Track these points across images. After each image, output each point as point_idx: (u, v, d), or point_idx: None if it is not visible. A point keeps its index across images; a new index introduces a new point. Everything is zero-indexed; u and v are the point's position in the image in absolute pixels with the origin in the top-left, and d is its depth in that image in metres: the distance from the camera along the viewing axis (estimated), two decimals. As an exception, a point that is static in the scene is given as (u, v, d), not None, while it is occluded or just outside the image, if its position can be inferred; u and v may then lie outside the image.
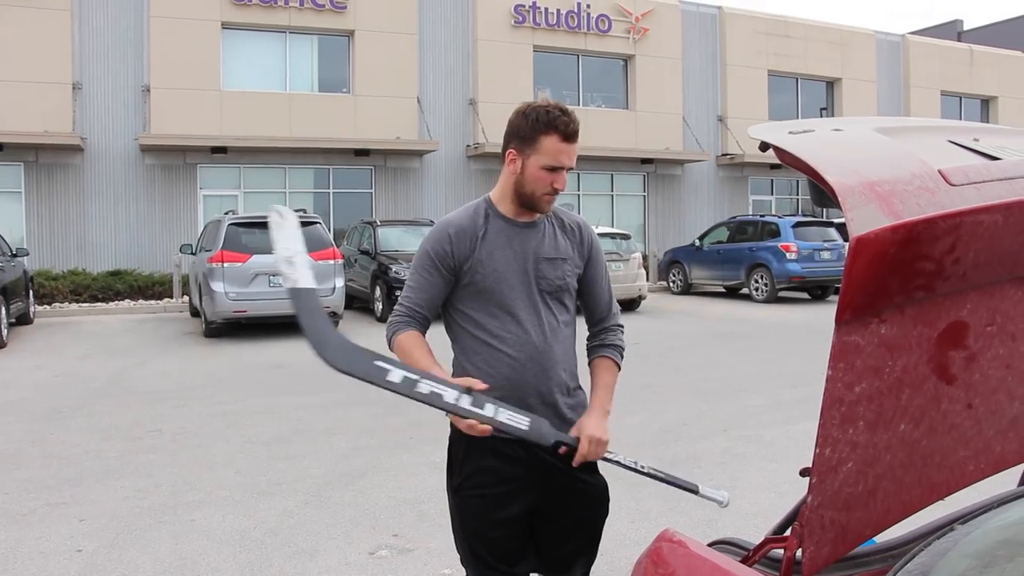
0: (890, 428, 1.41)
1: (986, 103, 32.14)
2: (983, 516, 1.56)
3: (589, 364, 2.61)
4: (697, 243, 20.95)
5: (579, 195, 24.85)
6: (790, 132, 1.65)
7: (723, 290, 20.77)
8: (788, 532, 1.54)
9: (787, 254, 18.31)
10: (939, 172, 1.47)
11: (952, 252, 1.35)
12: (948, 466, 1.51)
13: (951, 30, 36.78)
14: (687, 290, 21.08)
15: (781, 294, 18.80)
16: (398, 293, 14.50)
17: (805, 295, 19.66)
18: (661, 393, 8.60)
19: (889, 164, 1.50)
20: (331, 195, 21.97)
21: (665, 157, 25.03)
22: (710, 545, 1.79)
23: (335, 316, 13.62)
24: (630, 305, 17.18)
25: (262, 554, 4.42)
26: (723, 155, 26.46)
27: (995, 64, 31.74)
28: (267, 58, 21.53)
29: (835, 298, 13.36)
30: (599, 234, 17.12)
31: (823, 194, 1.58)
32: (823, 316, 16.12)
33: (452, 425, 2.44)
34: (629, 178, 25.56)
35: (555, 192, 2.39)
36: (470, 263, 2.42)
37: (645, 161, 24.98)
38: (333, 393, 8.74)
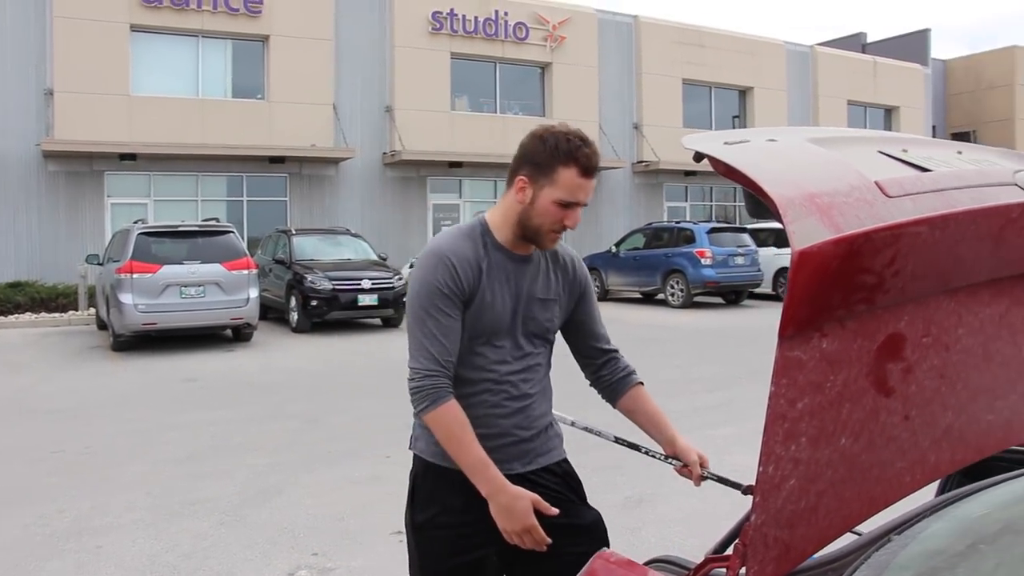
0: (831, 443, 1.39)
1: (889, 112, 33.35)
2: (918, 526, 1.55)
3: (618, 395, 2.42)
4: (614, 250, 21.14)
5: (496, 203, 24.62)
6: (726, 143, 1.62)
7: (640, 296, 21.01)
8: (730, 551, 1.50)
9: (702, 260, 18.60)
10: (876, 184, 1.45)
11: (892, 264, 1.33)
12: (886, 479, 1.50)
13: (856, 42, 38.02)
14: (604, 296, 21.23)
15: (697, 299, 19.09)
16: (314, 303, 14.46)
17: (720, 300, 20.02)
18: (580, 399, 8.58)
19: (827, 175, 1.47)
20: (245, 203, 21.48)
21: (582, 164, 25.16)
22: (647, 564, 1.74)
23: (249, 327, 13.32)
24: (549, 312, 17.17)
25: (175, 579, 4.23)
26: (639, 162, 26.80)
27: (896, 75, 32.96)
28: (179, 62, 20.95)
29: (750, 303, 13.63)
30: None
31: (760, 205, 1.55)
32: (738, 321, 16.44)
33: (417, 456, 2.28)
34: (547, 185, 25.62)
35: (563, 230, 2.19)
36: (476, 299, 2.16)
37: (563, 168, 25.08)
38: (248, 407, 8.52)
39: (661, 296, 19.73)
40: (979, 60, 38.88)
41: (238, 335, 13.59)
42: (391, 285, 15.01)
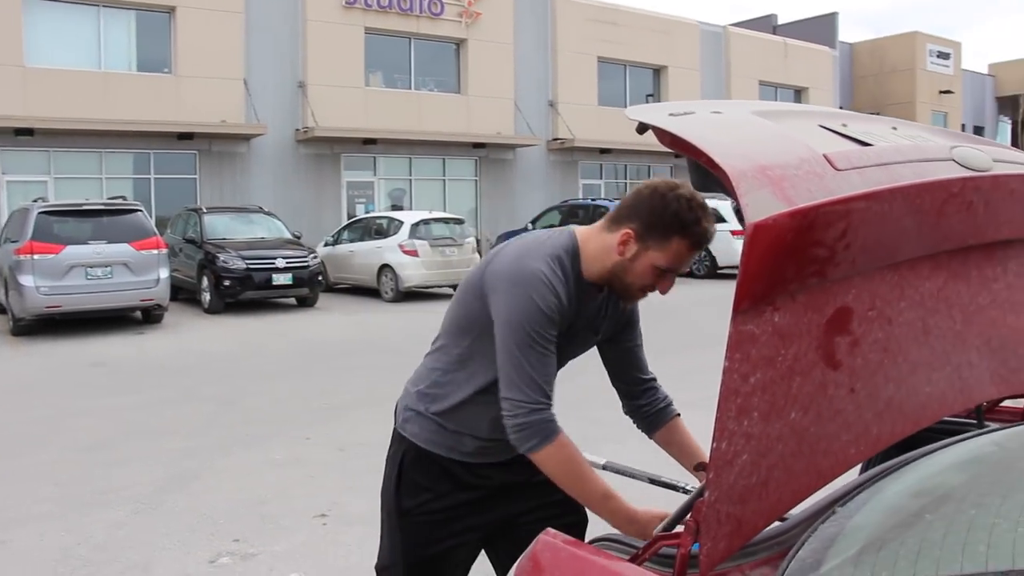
0: (782, 417, 1.38)
1: (798, 93, 34.11)
2: (859, 497, 1.56)
3: (656, 427, 2.33)
4: (530, 227, 21.14)
5: (411, 180, 24.63)
6: (671, 114, 1.60)
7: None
8: (680, 528, 1.49)
9: (619, 237, 18.74)
10: (824, 157, 1.44)
11: (844, 238, 1.32)
12: (833, 451, 1.50)
13: (767, 24, 38.72)
14: (521, 274, 21.24)
15: (613, 276, 19.23)
16: (227, 283, 14.10)
17: (636, 277, 20.21)
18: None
19: (776, 148, 1.46)
20: (152, 181, 20.74)
21: (497, 142, 25.14)
22: (591, 543, 1.72)
23: (160, 308, 12.91)
24: (466, 290, 17.12)
25: (89, 573, 4.06)
26: (554, 140, 26.84)
27: (806, 57, 33.73)
28: (78, 33, 20.00)
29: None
30: (432, 219, 17.12)
31: (708, 177, 1.53)
32: (649, 297, 16.63)
33: (406, 439, 2.21)
34: (461, 163, 25.53)
35: (649, 293, 2.08)
36: (561, 335, 2.02)
37: (477, 146, 25.00)
38: (161, 391, 8.27)
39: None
40: (883, 44, 40.08)
41: (148, 317, 13.16)
42: (306, 264, 14.75)
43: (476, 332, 2.08)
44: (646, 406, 2.33)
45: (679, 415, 2.33)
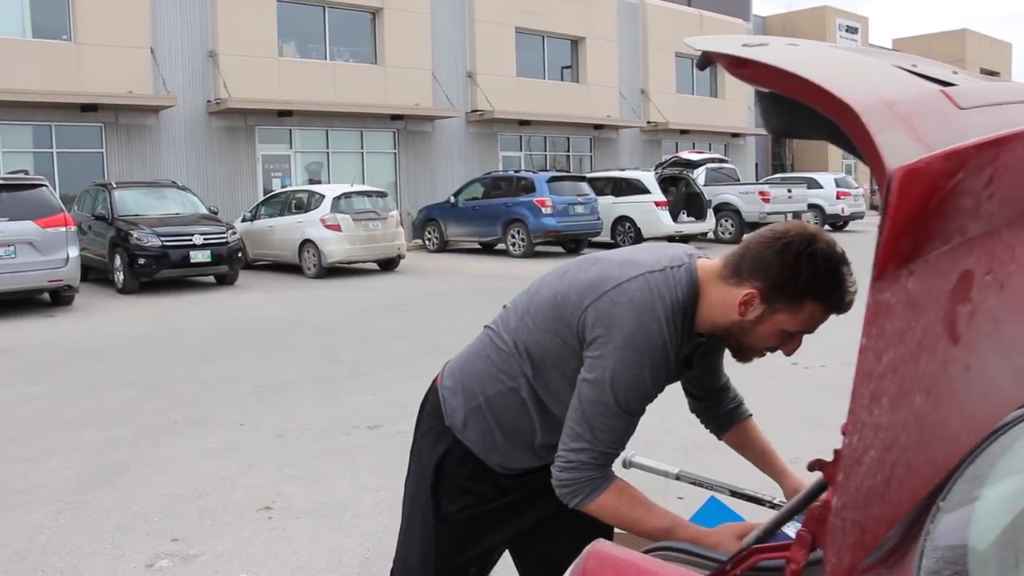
0: (908, 402, 1.16)
1: (715, 66, 34.34)
2: (958, 487, 1.37)
3: (727, 428, 2.14)
4: (452, 200, 20.85)
5: (328, 153, 23.97)
6: (745, 44, 1.34)
7: (479, 246, 20.86)
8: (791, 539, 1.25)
9: (542, 209, 18.60)
10: (943, 93, 1.21)
11: (989, 186, 1.10)
12: (947, 438, 1.30)
13: (681, -5, 38.95)
14: (443, 247, 20.97)
15: (538, 248, 19.11)
16: (142, 261, 13.43)
17: (560, 249, 20.14)
18: (438, 355, 8.26)
19: (890, 82, 1.23)
20: (55, 155, 19.57)
21: (415, 113, 24.65)
22: (647, 552, 1.48)
23: (70, 289, 12.20)
24: (389, 265, 16.85)
25: (10, 581, 3.67)
26: (473, 111, 26.46)
27: (721, 29, 33.95)
28: (-37, -4, 18.77)
29: (590, 251, 13.51)
30: (354, 193, 16.65)
31: (798, 118, 1.29)
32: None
33: (457, 440, 1.98)
34: (379, 135, 24.97)
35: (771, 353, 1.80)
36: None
37: (395, 118, 24.47)
38: (77, 378, 7.74)
39: (501, 246, 19.64)
40: (795, 17, 40.79)
41: (57, 299, 12.42)
42: (225, 240, 14.16)
43: (555, 364, 1.84)
44: (716, 407, 2.12)
45: (751, 416, 2.13)
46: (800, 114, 1.24)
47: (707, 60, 1.38)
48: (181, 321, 11.11)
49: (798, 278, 1.62)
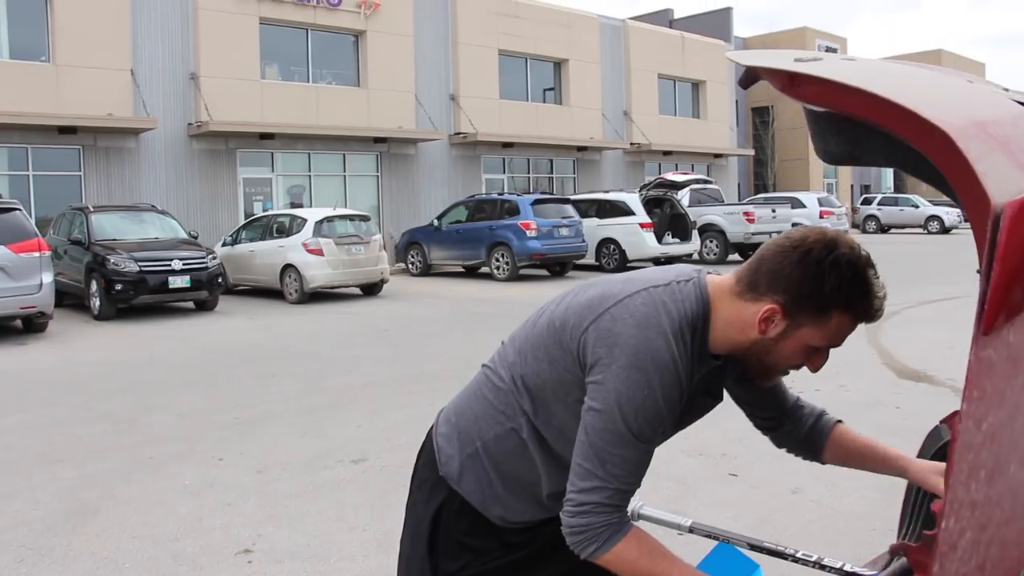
0: (1003, 474, 1.00)
1: (696, 86, 34.54)
2: None
3: (820, 446, 1.93)
4: (436, 223, 20.69)
5: (310, 176, 23.77)
6: (797, 59, 1.16)
7: (463, 270, 20.68)
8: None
9: (527, 232, 18.48)
10: None
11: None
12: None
13: (663, 18, 39.23)
14: (427, 271, 20.78)
15: (522, 272, 18.95)
16: (119, 286, 13.15)
17: (545, 272, 19.98)
18: (424, 383, 8.11)
19: (974, 100, 1.05)
20: (31, 178, 19.27)
21: (398, 136, 24.53)
22: None
23: (43, 316, 11.91)
24: (372, 289, 16.64)
25: (-32, 638, 3.42)
26: (456, 134, 26.38)
27: (703, 51, 34.18)
28: (-62, 17, 18.49)
29: (575, 274, 13.48)
30: (337, 216, 16.43)
31: (851, 144, 1.11)
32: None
33: (454, 492, 1.80)
34: (362, 158, 24.81)
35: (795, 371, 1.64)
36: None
37: (378, 140, 24.35)
38: (47, 409, 7.47)
39: (486, 270, 19.48)
40: (775, 39, 41.09)
41: (30, 326, 12.12)
42: (204, 265, 13.91)
43: (555, 397, 1.66)
44: (795, 430, 1.92)
45: (840, 422, 1.93)
46: (867, 138, 1.06)
47: (752, 77, 1.21)
48: (159, 349, 10.84)
49: (822, 288, 1.47)
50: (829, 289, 1.46)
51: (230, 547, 4.27)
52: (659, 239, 20.13)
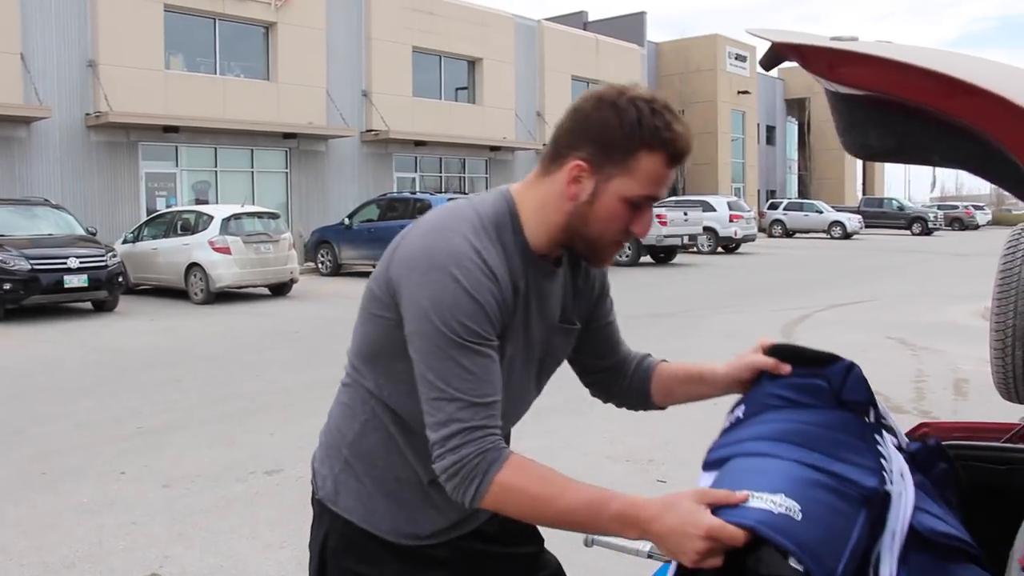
0: None
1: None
2: None
3: (648, 390, 1.77)
4: (347, 222, 20.31)
5: (216, 171, 23.05)
6: (834, 38, 0.99)
7: (374, 269, 20.31)
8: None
9: (442, 231, 18.23)
10: None
11: None
12: None
13: (578, 20, 39.46)
14: (337, 271, 20.37)
15: (435, 272, 18.70)
16: (8, 286, 12.42)
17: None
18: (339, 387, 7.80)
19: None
20: (-89, 170, 18.21)
21: (308, 132, 24.02)
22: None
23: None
24: (281, 289, 16.20)
25: None
26: (368, 131, 25.99)
27: (616, 54, 34.61)
28: None
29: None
30: (244, 214, 15.92)
31: (900, 136, 0.94)
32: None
33: (334, 514, 1.62)
34: (270, 154, 24.20)
35: (627, 240, 1.52)
36: (506, 334, 1.48)
37: (287, 136, 23.78)
38: (-71, 419, 6.90)
39: (399, 269, 19.15)
40: (687, 44, 41.83)
41: (-92, 327, 11.33)
42: (104, 263, 13.26)
43: (391, 353, 1.49)
44: (621, 378, 1.80)
45: (664, 360, 1.80)
46: (919, 131, 0.89)
47: (776, 57, 1.02)
48: (53, 353, 10.23)
49: (621, 127, 1.40)
50: (628, 126, 1.39)
51: (135, 571, 3.94)
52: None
